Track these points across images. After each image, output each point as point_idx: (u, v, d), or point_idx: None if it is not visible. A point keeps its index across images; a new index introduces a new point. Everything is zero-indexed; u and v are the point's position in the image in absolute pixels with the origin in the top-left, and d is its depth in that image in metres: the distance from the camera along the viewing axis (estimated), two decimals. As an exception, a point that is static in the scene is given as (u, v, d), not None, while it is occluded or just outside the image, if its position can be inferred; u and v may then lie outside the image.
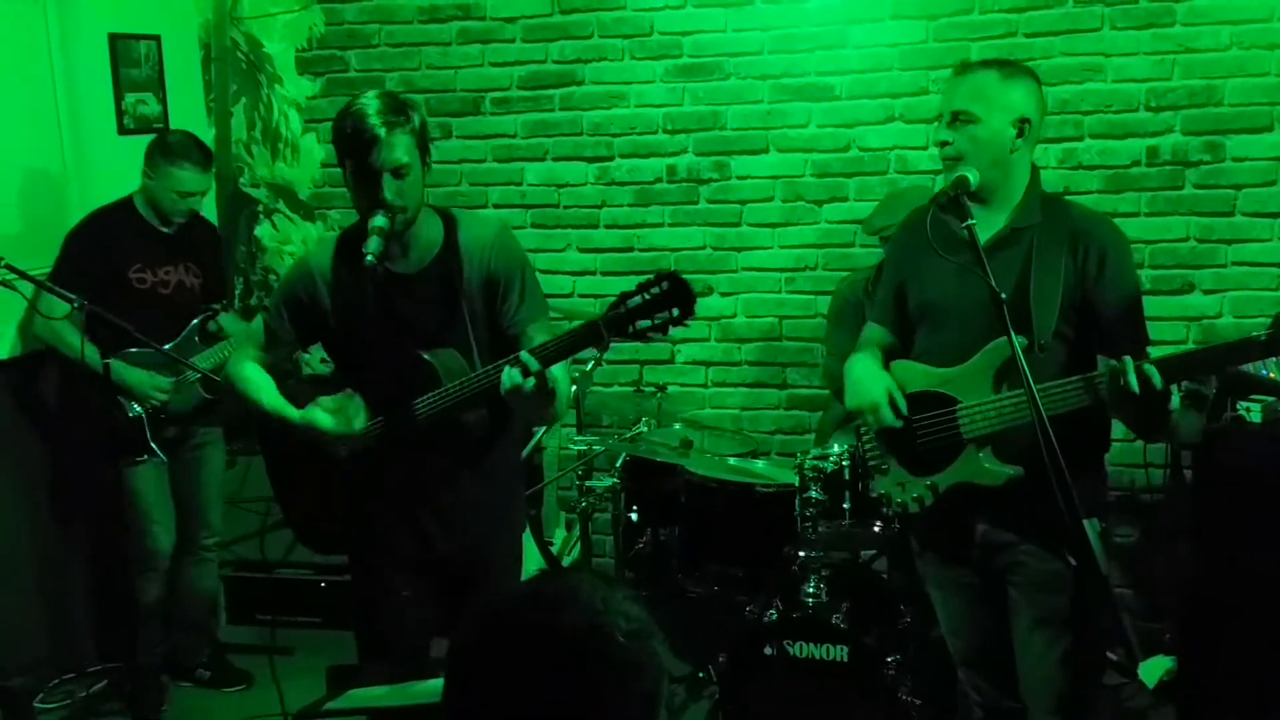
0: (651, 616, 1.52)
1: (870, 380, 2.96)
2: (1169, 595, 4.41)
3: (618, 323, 2.65)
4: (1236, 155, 4.54)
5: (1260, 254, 4.57)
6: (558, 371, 2.84)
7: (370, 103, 2.83)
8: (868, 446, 3.07)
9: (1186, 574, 3.98)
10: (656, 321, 2.62)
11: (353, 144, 2.82)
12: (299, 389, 3.15)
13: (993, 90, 2.81)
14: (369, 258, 2.78)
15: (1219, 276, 4.62)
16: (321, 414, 3.00)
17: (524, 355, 2.75)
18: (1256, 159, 4.53)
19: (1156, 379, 2.56)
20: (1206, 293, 4.64)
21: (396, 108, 2.84)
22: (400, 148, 2.81)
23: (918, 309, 2.99)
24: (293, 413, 3.04)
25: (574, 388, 3.20)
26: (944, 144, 2.87)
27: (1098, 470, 2.97)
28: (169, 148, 4.23)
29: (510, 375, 2.73)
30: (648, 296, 2.62)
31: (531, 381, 2.71)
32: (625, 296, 2.64)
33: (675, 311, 2.61)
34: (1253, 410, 3.81)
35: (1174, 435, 4.08)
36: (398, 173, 2.82)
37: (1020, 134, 2.82)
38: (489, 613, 1.50)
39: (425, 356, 2.93)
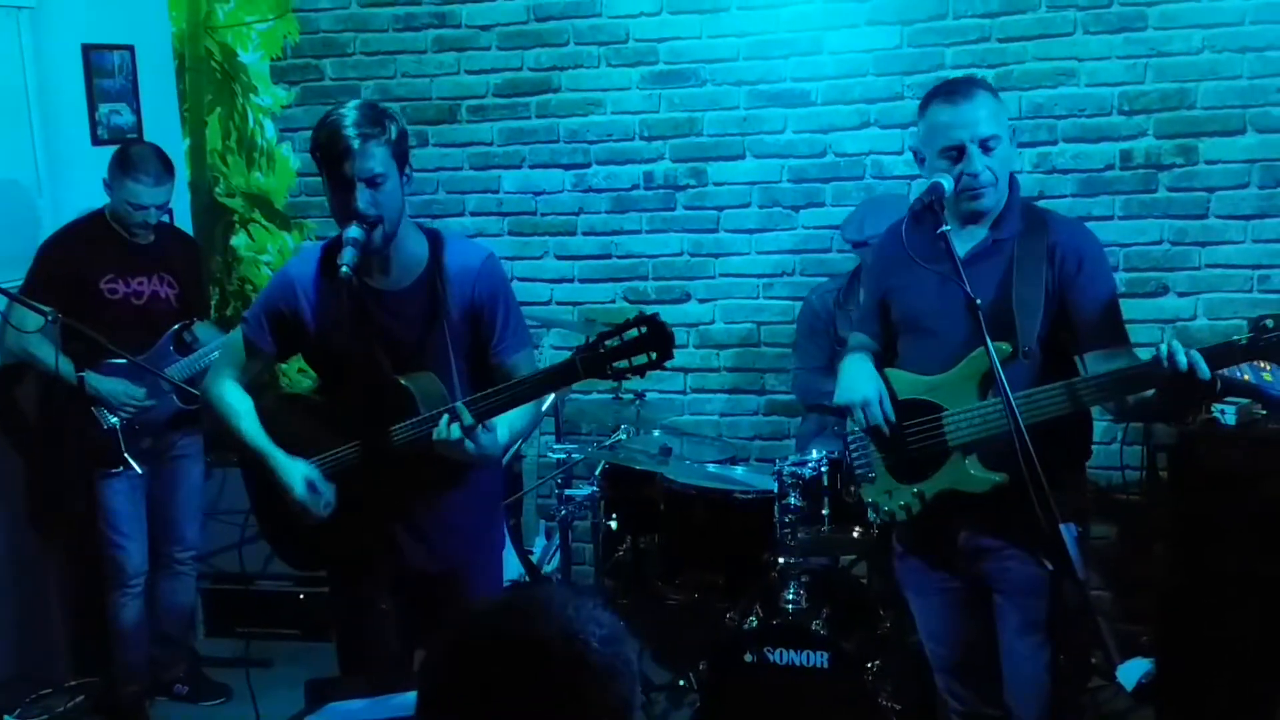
0: (628, 624, 1.53)
1: (862, 378, 2.98)
2: (1146, 597, 4.43)
3: (594, 364, 2.64)
4: (1209, 158, 4.57)
5: (1233, 256, 4.60)
6: (508, 418, 2.87)
7: (348, 113, 2.81)
8: (854, 454, 3.08)
9: (1163, 576, 4.00)
10: (634, 364, 2.61)
11: (327, 154, 2.81)
12: (272, 408, 3.13)
13: (996, 106, 2.86)
14: (344, 269, 2.76)
15: (1193, 279, 4.64)
16: (297, 476, 2.99)
17: (459, 406, 2.77)
18: (1229, 162, 4.55)
19: (1202, 364, 2.52)
20: (1180, 295, 4.66)
21: (373, 118, 2.82)
22: (374, 158, 2.79)
23: (901, 318, 3.01)
24: (276, 455, 3.02)
25: (531, 422, 3.20)
26: (975, 175, 2.81)
27: (1079, 477, 3.00)
28: (126, 159, 4.20)
29: (440, 428, 2.76)
30: (624, 339, 2.60)
31: (457, 432, 2.74)
32: (603, 337, 2.63)
33: (653, 355, 2.60)
34: (1227, 412, 3.84)
35: (1149, 435, 4.11)
36: (371, 182, 2.80)
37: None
38: (462, 625, 1.50)
39: (403, 382, 2.91)
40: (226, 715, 4.49)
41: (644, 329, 2.59)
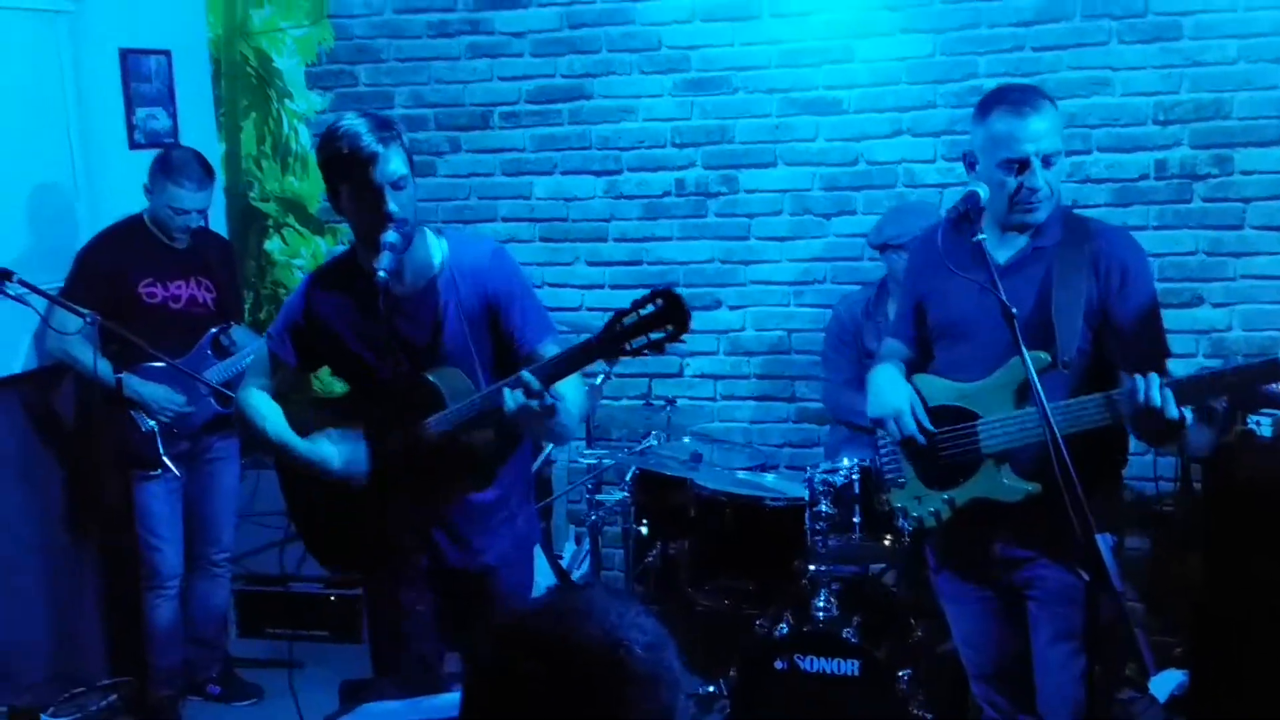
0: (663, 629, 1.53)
1: (893, 390, 2.98)
2: (1180, 609, 4.40)
3: (612, 342, 2.65)
4: (1245, 169, 4.55)
5: (1269, 267, 4.57)
6: (565, 388, 2.85)
7: (357, 123, 2.82)
8: (885, 459, 3.08)
9: (1197, 588, 3.98)
10: (652, 339, 2.62)
11: (349, 164, 2.81)
12: (307, 413, 3.16)
13: (1059, 120, 2.86)
14: (381, 274, 2.78)
15: (1228, 290, 4.62)
16: (329, 449, 3.02)
17: (524, 374, 2.76)
18: (1265, 172, 4.53)
19: (1172, 405, 2.58)
20: (1215, 306, 4.64)
21: (384, 123, 2.85)
22: (397, 160, 2.82)
23: (937, 325, 3.01)
24: (299, 444, 3.05)
25: (588, 403, 3.19)
26: (1035, 190, 2.81)
27: (1114, 486, 2.99)
28: (168, 164, 4.24)
29: (514, 396, 2.74)
30: (641, 314, 2.61)
31: (534, 401, 2.73)
32: (620, 314, 2.64)
33: (670, 328, 2.61)
34: (1263, 424, 3.82)
35: (1184, 448, 4.08)
36: (397, 185, 2.82)
37: None
38: (506, 629, 1.51)
39: (429, 378, 2.93)
40: (258, 716, 4.51)
41: (660, 302, 2.60)
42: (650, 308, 2.61)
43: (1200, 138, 4.58)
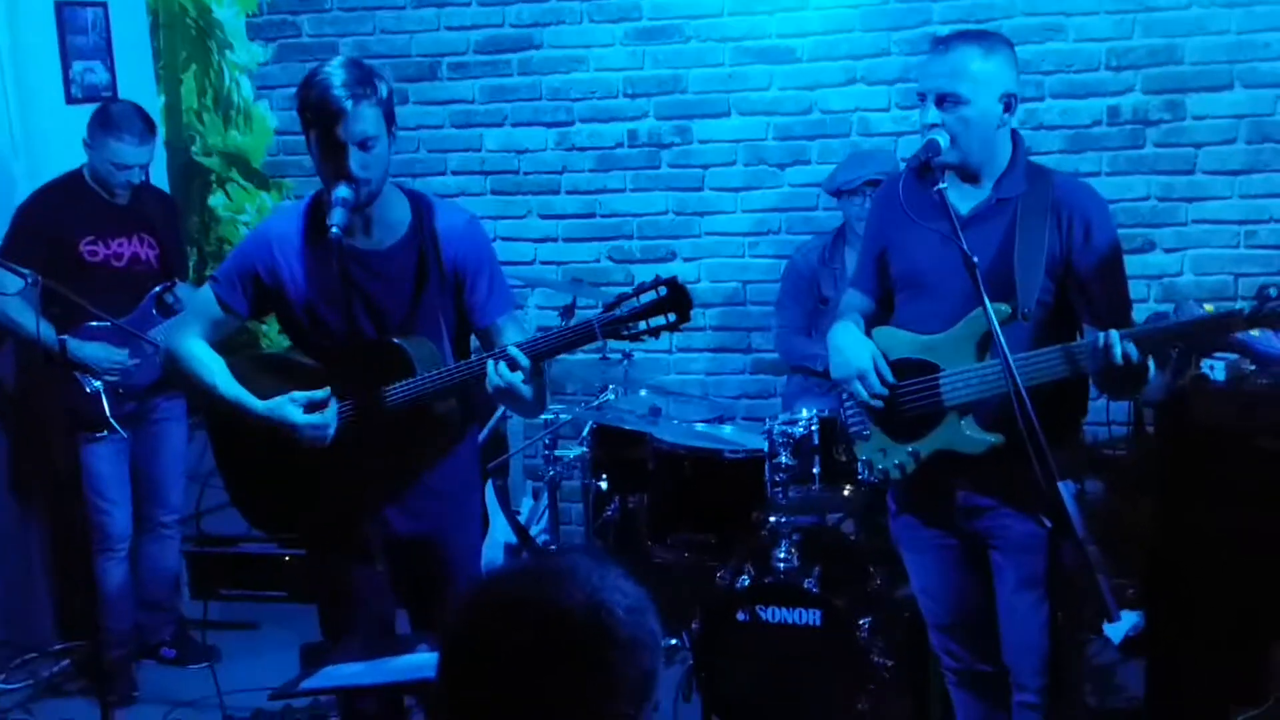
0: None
1: (854, 349, 2.94)
2: (1133, 552, 4.45)
3: (613, 325, 2.63)
4: (1197, 114, 4.56)
5: (1220, 211, 4.60)
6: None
7: (336, 72, 2.74)
8: (849, 412, 3.07)
9: (1150, 531, 4.02)
10: (651, 325, 2.60)
11: (317, 114, 2.74)
12: (249, 368, 3.04)
13: (977, 67, 2.77)
14: (334, 229, 2.73)
15: (1180, 235, 4.65)
16: (293, 411, 2.89)
17: (512, 350, 2.72)
18: (1216, 117, 4.55)
19: (1135, 355, 2.58)
20: (1167, 251, 4.66)
21: (363, 78, 2.76)
22: (367, 119, 2.74)
23: (900, 276, 2.98)
24: (257, 404, 2.92)
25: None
26: (932, 126, 2.79)
27: (1075, 436, 3.00)
28: (108, 118, 4.13)
29: (501, 371, 2.69)
30: (643, 300, 2.59)
31: (521, 377, 2.68)
32: (622, 299, 2.62)
33: (671, 317, 2.59)
34: (1216, 368, 3.85)
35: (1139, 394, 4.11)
36: (363, 145, 2.75)
37: (1007, 109, 2.82)
38: (486, 592, 1.49)
39: (399, 343, 2.87)
40: (213, 677, 4.46)
41: (663, 290, 2.59)
42: (652, 294, 2.60)
43: (1152, 83, 4.58)
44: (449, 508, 3.08)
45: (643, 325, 2.60)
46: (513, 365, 2.70)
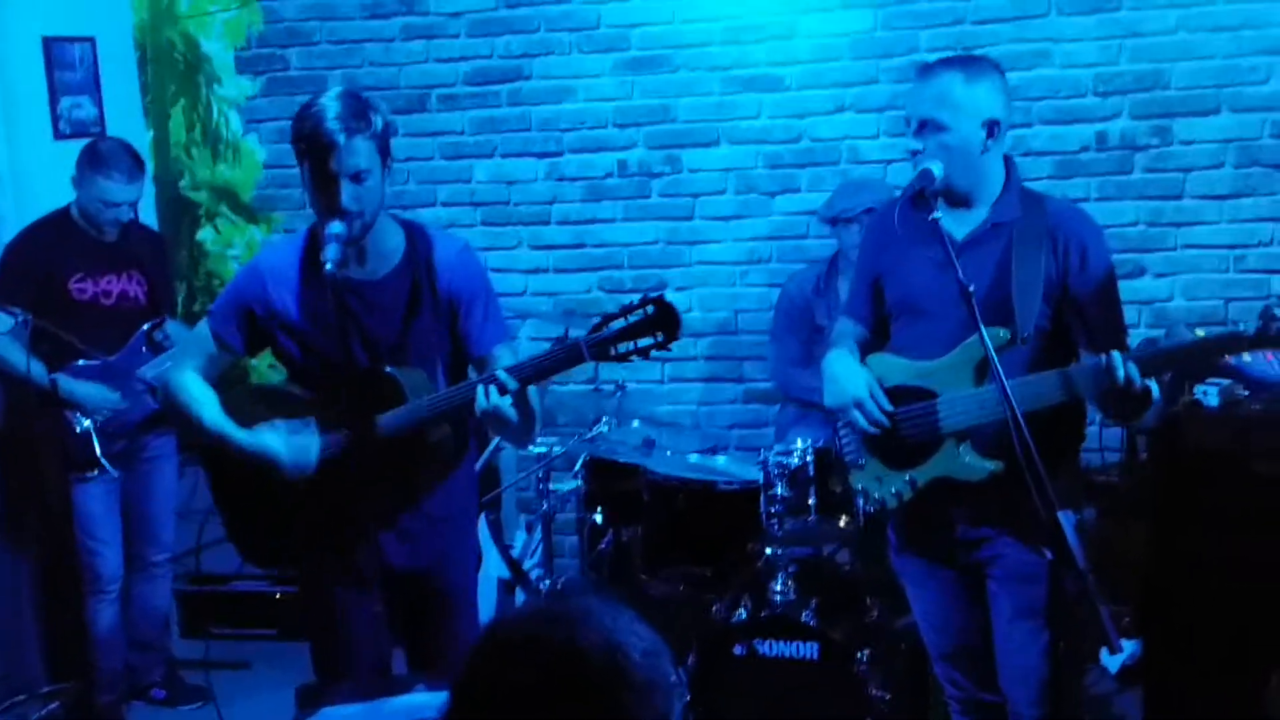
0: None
1: (850, 377, 2.93)
2: (1126, 579, 4.44)
3: (600, 345, 2.61)
4: (1184, 138, 4.59)
5: (1209, 236, 4.62)
6: (531, 393, 2.80)
7: (330, 105, 2.74)
8: (844, 441, 3.05)
9: (1145, 558, 4.01)
10: (640, 345, 2.58)
11: (310, 146, 2.74)
12: (243, 400, 3.03)
13: (959, 94, 2.77)
14: (328, 265, 2.71)
15: (1169, 260, 4.66)
16: (274, 440, 2.88)
17: (501, 374, 2.70)
18: (1204, 142, 4.57)
19: (1137, 378, 2.58)
20: (1157, 276, 4.68)
21: (357, 110, 2.75)
22: (360, 153, 2.73)
23: (895, 303, 2.98)
24: (239, 434, 2.91)
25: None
26: (915, 153, 2.81)
27: (1073, 464, 2.99)
28: (96, 156, 4.10)
29: (481, 398, 2.68)
30: (630, 320, 2.58)
31: (509, 400, 2.66)
32: (608, 319, 2.61)
33: (659, 336, 2.57)
34: (1209, 394, 3.84)
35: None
36: (356, 178, 2.74)
37: (990, 134, 2.81)
38: (501, 632, 1.48)
39: (391, 371, 2.85)
40: (204, 718, 4.42)
41: (650, 309, 2.58)
42: (640, 314, 2.59)
43: (1140, 108, 4.60)
44: (446, 532, 3.05)
45: (631, 345, 2.58)
46: (501, 389, 2.68)
